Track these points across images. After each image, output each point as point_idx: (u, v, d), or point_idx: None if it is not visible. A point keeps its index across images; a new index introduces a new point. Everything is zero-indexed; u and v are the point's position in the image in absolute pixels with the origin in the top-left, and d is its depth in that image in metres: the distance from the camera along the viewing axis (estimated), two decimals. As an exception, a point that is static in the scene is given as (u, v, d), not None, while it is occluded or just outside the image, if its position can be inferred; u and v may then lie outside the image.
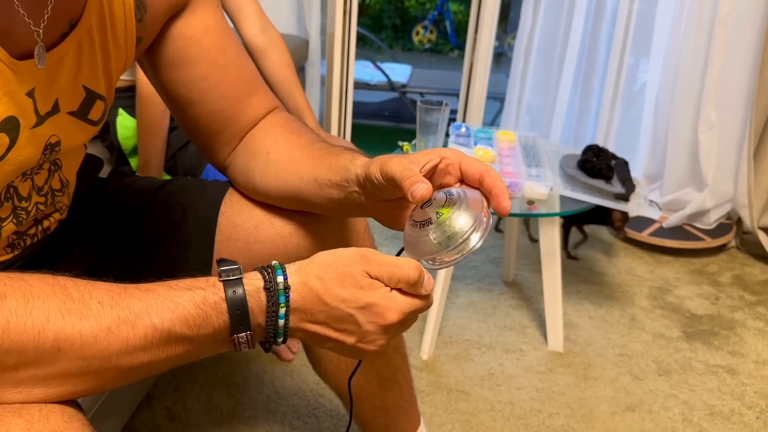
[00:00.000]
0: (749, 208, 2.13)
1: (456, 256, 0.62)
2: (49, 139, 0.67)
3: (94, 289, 0.55)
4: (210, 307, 0.57)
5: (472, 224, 0.60)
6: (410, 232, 0.64)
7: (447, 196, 0.63)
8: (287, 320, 0.59)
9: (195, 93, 0.80)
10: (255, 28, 1.46)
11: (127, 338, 0.54)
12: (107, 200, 0.92)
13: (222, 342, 0.59)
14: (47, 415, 0.51)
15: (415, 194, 0.60)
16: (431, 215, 0.62)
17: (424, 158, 0.66)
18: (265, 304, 0.58)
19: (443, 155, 0.66)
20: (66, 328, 0.52)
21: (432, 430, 1.36)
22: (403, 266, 0.59)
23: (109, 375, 0.55)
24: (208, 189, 0.91)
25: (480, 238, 0.61)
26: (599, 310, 1.82)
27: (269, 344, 0.60)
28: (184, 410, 1.37)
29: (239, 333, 0.58)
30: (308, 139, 0.82)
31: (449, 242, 0.60)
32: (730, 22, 2.00)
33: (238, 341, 0.58)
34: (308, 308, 0.59)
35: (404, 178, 0.62)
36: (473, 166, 0.65)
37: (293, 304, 0.58)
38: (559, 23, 2.31)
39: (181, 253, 0.86)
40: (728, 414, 1.46)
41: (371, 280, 0.59)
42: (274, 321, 0.58)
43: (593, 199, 1.53)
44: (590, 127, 2.37)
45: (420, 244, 0.62)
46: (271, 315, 0.58)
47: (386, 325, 0.59)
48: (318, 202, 0.78)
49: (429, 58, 5.69)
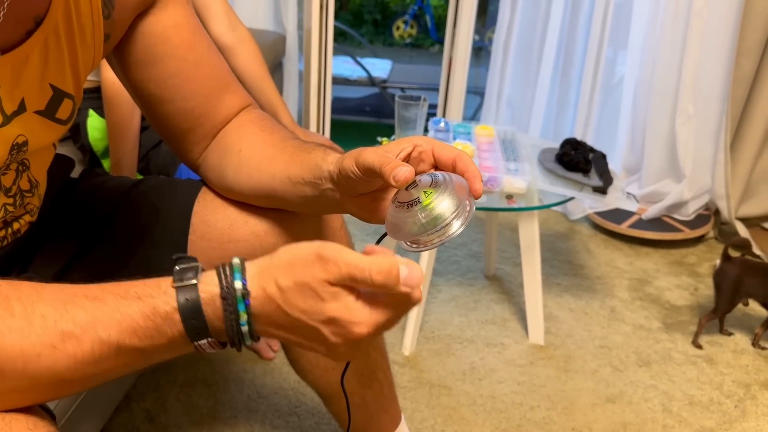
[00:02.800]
0: (727, 198, 2.15)
1: (436, 240, 0.61)
2: (16, 139, 0.65)
3: (38, 301, 0.52)
4: (161, 318, 0.53)
5: (456, 208, 0.60)
6: (395, 213, 0.62)
7: (432, 179, 0.62)
8: (251, 327, 0.54)
9: (165, 91, 0.79)
10: (223, 25, 1.45)
11: (74, 354, 0.51)
12: (79, 200, 0.91)
13: (183, 346, 0.55)
14: (10, 424, 0.50)
15: (399, 177, 0.59)
16: (418, 195, 0.61)
17: (397, 147, 0.66)
18: (222, 313, 0.54)
19: (416, 143, 0.66)
20: (8, 346, 0.49)
21: (414, 425, 1.36)
22: (366, 269, 0.51)
23: (61, 387, 0.53)
24: (181, 188, 0.89)
25: (462, 224, 0.61)
26: (579, 302, 1.83)
27: (238, 347, 0.57)
28: (164, 411, 1.36)
29: (199, 340, 0.54)
30: (281, 137, 0.81)
31: (435, 223, 0.60)
32: (706, 14, 2.01)
33: (200, 347, 0.55)
34: (271, 315, 0.54)
35: (383, 165, 0.61)
36: (446, 152, 0.65)
37: (254, 310, 0.54)
38: (537, 16, 2.31)
39: (154, 253, 0.85)
40: (707, 403, 1.47)
41: (332, 289, 0.52)
42: (235, 329, 0.54)
43: (571, 192, 1.53)
44: (569, 120, 2.38)
45: (406, 225, 0.61)
46: (231, 323, 0.54)
47: (354, 339, 0.54)
48: (292, 200, 0.77)
49: (410, 53, 5.68)
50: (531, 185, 1.51)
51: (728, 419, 1.43)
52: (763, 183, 2.18)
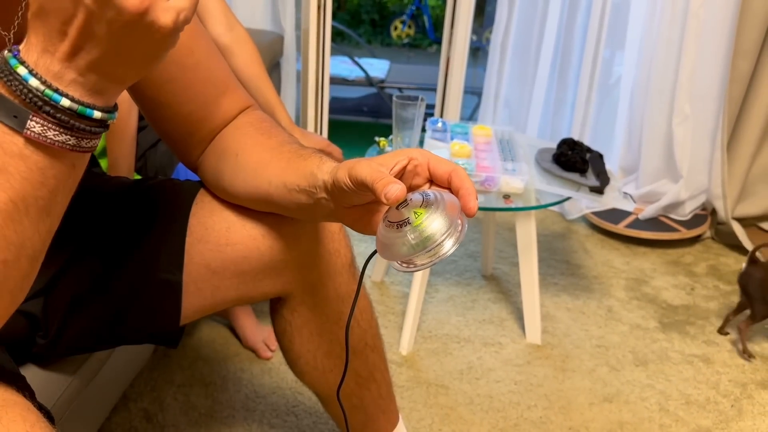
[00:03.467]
0: (723, 198, 2.16)
1: (428, 260, 0.60)
2: None
3: None
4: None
5: (448, 228, 0.59)
6: (385, 233, 0.62)
7: (424, 198, 0.61)
8: (41, 77, 0.49)
9: (163, 95, 0.79)
10: (221, 26, 1.45)
11: None
12: (76, 200, 0.91)
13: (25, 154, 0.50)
14: (8, 425, 0.50)
15: (390, 195, 0.58)
16: (408, 215, 0.60)
17: (392, 160, 0.64)
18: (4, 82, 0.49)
19: (411, 156, 0.65)
20: None
21: (411, 424, 1.36)
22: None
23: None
24: (179, 189, 0.89)
25: (454, 244, 0.60)
26: (576, 302, 1.84)
27: (73, 121, 0.50)
28: (161, 411, 1.36)
29: (11, 123, 0.49)
30: (278, 141, 0.81)
31: (426, 244, 0.59)
32: (703, 14, 2.02)
33: (32, 132, 0.50)
34: (37, 37, 0.48)
35: (375, 181, 0.60)
36: (441, 166, 0.64)
37: (35, 54, 0.48)
38: (535, 17, 2.31)
39: (152, 255, 0.85)
40: (704, 402, 1.48)
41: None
42: (22, 85, 0.49)
43: (568, 192, 1.54)
44: (566, 120, 2.38)
45: (396, 246, 0.60)
46: (13, 82, 0.49)
47: None
48: (288, 206, 0.77)
49: (407, 53, 5.68)
50: (528, 185, 1.51)
51: (725, 419, 1.44)
52: (759, 183, 2.19)
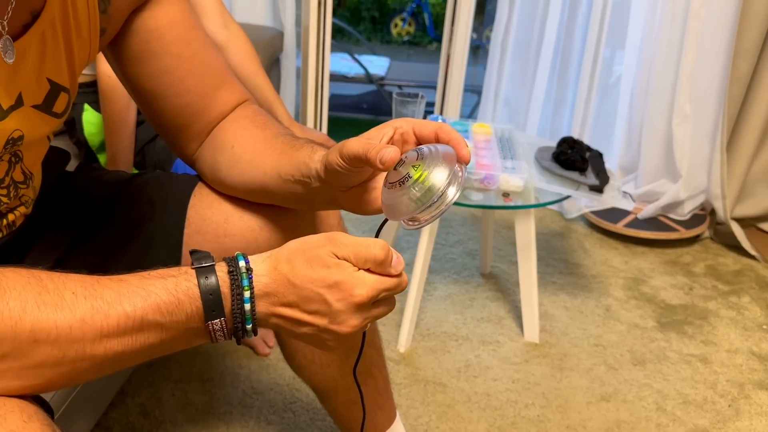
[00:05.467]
0: (722, 199, 2.16)
1: (435, 211, 0.61)
2: (12, 134, 0.65)
3: (67, 280, 0.55)
4: (182, 293, 0.57)
5: (448, 177, 0.60)
6: (388, 194, 0.63)
7: (418, 153, 0.62)
8: (253, 305, 0.59)
9: (159, 87, 0.79)
10: (216, 23, 1.44)
11: (100, 327, 0.54)
12: (75, 193, 0.91)
13: (196, 330, 0.59)
14: (5, 416, 0.50)
15: (385, 158, 0.61)
16: (407, 171, 0.61)
17: (378, 133, 0.67)
18: (229, 288, 0.58)
19: (396, 125, 0.67)
20: (42, 318, 0.52)
21: (409, 422, 1.36)
22: (370, 246, 0.59)
23: (83, 365, 0.55)
24: (177, 182, 0.89)
25: (457, 190, 0.61)
26: (575, 300, 1.84)
27: (240, 333, 0.60)
28: (159, 406, 1.35)
29: (213, 319, 0.58)
30: (273, 133, 0.81)
31: (429, 196, 0.60)
32: (703, 14, 2.02)
33: (212, 328, 0.59)
34: (278, 291, 0.59)
35: (368, 150, 0.62)
36: (426, 127, 0.66)
37: (265, 288, 0.59)
38: (535, 15, 2.31)
39: (150, 247, 0.85)
40: (701, 402, 1.48)
41: (338, 260, 0.59)
42: (239, 305, 0.58)
43: (568, 191, 1.54)
44: (566, 119, 2.38)
45: (400, 204, 0.61)
46: (236, 298, 0.58)
47: (356, 303, 0.59)
48: (284, 196, 0.78)
49: (407, 50, 5.68)
50: (527, 183, 1.51)
51: (722, 418, 1.44)
52: (758, 183, 2.19)
